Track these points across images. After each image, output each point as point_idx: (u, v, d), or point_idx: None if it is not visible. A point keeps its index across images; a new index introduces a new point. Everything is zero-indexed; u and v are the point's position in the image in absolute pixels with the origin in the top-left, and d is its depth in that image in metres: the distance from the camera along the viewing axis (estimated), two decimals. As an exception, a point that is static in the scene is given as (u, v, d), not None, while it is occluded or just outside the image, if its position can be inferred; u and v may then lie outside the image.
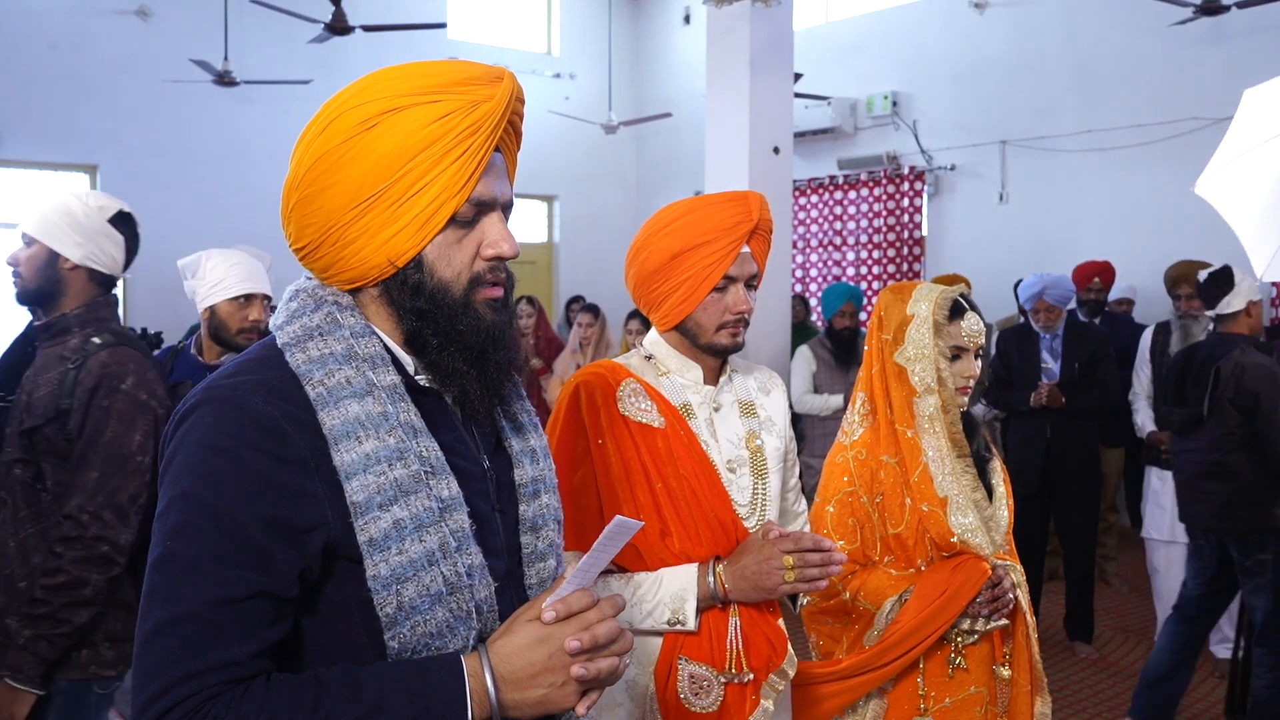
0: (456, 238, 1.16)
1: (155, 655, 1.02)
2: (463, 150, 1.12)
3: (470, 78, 1.15)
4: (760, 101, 5.50)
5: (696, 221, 1.86)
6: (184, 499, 1.05)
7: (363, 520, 1.08)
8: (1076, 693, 4.57)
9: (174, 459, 1.08)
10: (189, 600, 1.02)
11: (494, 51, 10.67)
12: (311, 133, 1.16)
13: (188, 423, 1.09)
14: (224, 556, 1.03)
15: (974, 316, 2.23)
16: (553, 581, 1.28)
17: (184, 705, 1.00)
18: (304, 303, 1.18)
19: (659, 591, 1.80)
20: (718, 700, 1.82)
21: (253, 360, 1.15)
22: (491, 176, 1.17)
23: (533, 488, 1.29)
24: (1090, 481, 4.99)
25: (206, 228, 9.11)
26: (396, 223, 1.13)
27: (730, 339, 1.89)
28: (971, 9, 8.71)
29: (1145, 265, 7.22)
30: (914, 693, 2.16)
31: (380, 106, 1.12)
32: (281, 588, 1.06)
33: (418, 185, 1.12)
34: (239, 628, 1.03)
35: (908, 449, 2.19)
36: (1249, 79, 7.28)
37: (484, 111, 1.14)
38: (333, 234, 1.15)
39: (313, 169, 1.14)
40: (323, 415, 1.09)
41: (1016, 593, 2.20)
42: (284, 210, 1.20)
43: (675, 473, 1.83)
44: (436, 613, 1.10)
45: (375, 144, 1.11)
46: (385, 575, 1.08)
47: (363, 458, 1.08)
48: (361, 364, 1.13)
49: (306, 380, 1.11)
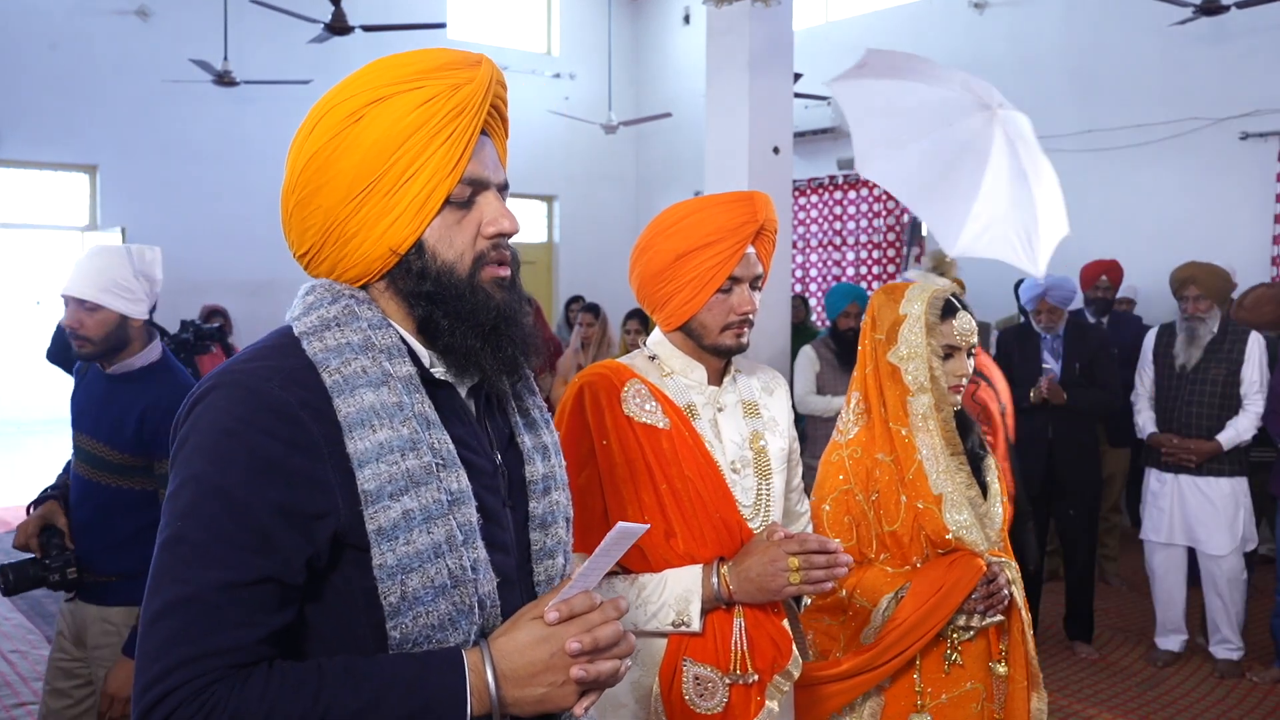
0: (455, 219, 1.17)
1: (159, 637, 1.02)
2: (450, 132, 1.14)
3: (450, 63, 1.17)
4: (760, 101, 5.50)
5: (702, 222, 1.86)
6: (195, 481, 1.05)
7: (373, 509, 1.08)
8: (1076, 692, 4.58)
9: (186, 441, 1.08)
10: (195, 583, 1.02)
11: (494, 51, 10.68)
12: (302, 134, 1.17)
13: (201, 405, 1.09)
14: (231, 540, 1.03)
15: (966, 316, 2.25)
16: (561, 579, 1.28)
17: (185, 688, 1.00)
18: (321, 296, 1.18)
19: (664, 593, 1.80)
20: (722, 702, 1.82)
21: (269, 347, 1.16)
22: (482, 157, 1.19)
23: (543, 484, 1.30)
24: (1091, 482, 4.99)
25: (205, 227, 9.12)
26: (393, 210, 1.14)
27: (735, 339, 1.89)
28: (971, 9, 8.71)
29: (1145, 265, 7.22)
30: (911, 689, 2.17)
31: (365, 98, 1.13)
32: (288, 574, 1.06)
33: (409, 171, 1.13)
34: (244, 612, 1.03)
35: (902, 447, 2.20)
36: (1249, 79, 7.32)
37: (466, 94, 1.15)
38: (333, 232, 1.15)
39: (306, 169, 1.15)
40: (338, 402, 1.10)
41: (1011, 589, 2.21)
42: (284, 217, 1.21)
43: (680, 474, 1.83)
44: (439, 605, 1.10)
45: (364, 135, 1.12)
46: (391, 565, 1.08)
47: (376, 446, 1.09)
48: (378, 354, 1.14)
49: (323, 368, 1.11)
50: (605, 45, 11.17)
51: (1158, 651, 4.92)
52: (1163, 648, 4.91)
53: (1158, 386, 4.80)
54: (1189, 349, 4.65)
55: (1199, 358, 4.63)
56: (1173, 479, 4.71)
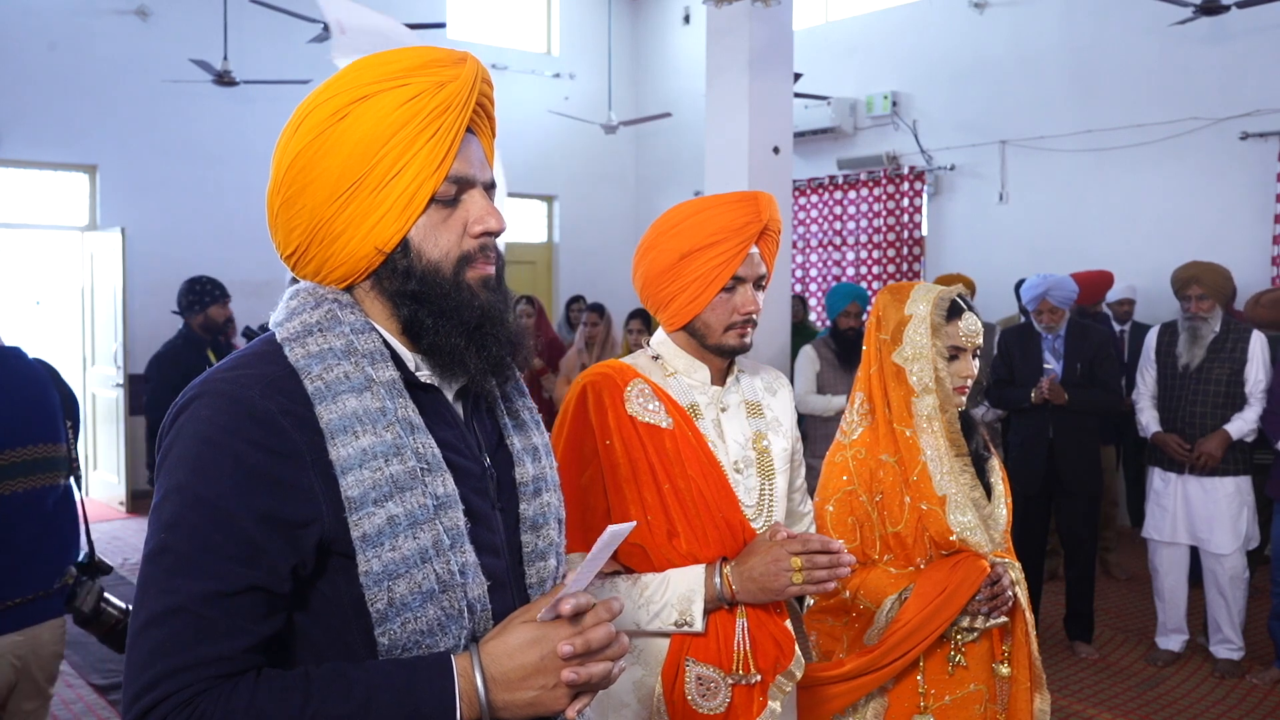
0: (441, 217, 1.16)
1: (146, 647, 1.02)
2: (435, 129, 1.13)
3: (435, 60, 1.16)
4: (760, 101, 5.50)
5: (705, 222, 1.85)
6: (178, 491, 1.05)
7: (357, 515, 1.07)
8: (1077, 692, 4.57)
9: (170, 451, 1.08)
10: (180, 593, 1.02)
11: (493, 51, 10.67)
12: (287, 134, 1.16)
13: (185, 415, 1.09)
14: (217, 550, 1.03)
15: (971, 317, 2.24)
16: (553, 581, 1.28)
17: (173, 699, 1.00)
18: (304, 300, 1.17)
19: (666, 593, 1.79)
20: (725, 702, 1.81)
21: (252, 355, 1.15)
22: (468, 155, 1.18)
23: (534, 486, 1.29)
24: (1092, 483, 4.97)
25: (205, 226, 9.11)
26: (379, 209, 1.13)
27: (738, 339, 1.88)
28: (971, 9, 8.70)
29: (1145, 265, 7.22)
30: (914, 690, 2.17)
31: (349, 96, 1.13)
32: (274, 582, 1.05)
33: (395, 168, 1.12)
34: (230, 622, 1.03)
35: (906, 448, 2.19)
36: (1248, 79, 7.32)
37: (451, 91, 1.14)
38: (319, 231, 1.15)
39: (291, 168, 1.14)
40: (320, 409, 1.09)
41: (1015, 590, 2.20)
42: (269, 218, 1.20)
43: (683, 473, 1.82)
44: (428, 610, 1.10)
45: (348, 133, 1.12)
46: (377, 571, 1.08)
47: (359, 453, 1.08)
48: (360, 359, 1.13)
49: (305, 374, 1.11)
50: (605, 45, 11.16)
51: (1158, 651, 4.91)
52: (1163, 647, 4.91)
53: (1160, 386, 4.79)
54: (1192, 348, 4.65)
55: (1202, 357, 4.63)
56: (1176, 478, 4.70)
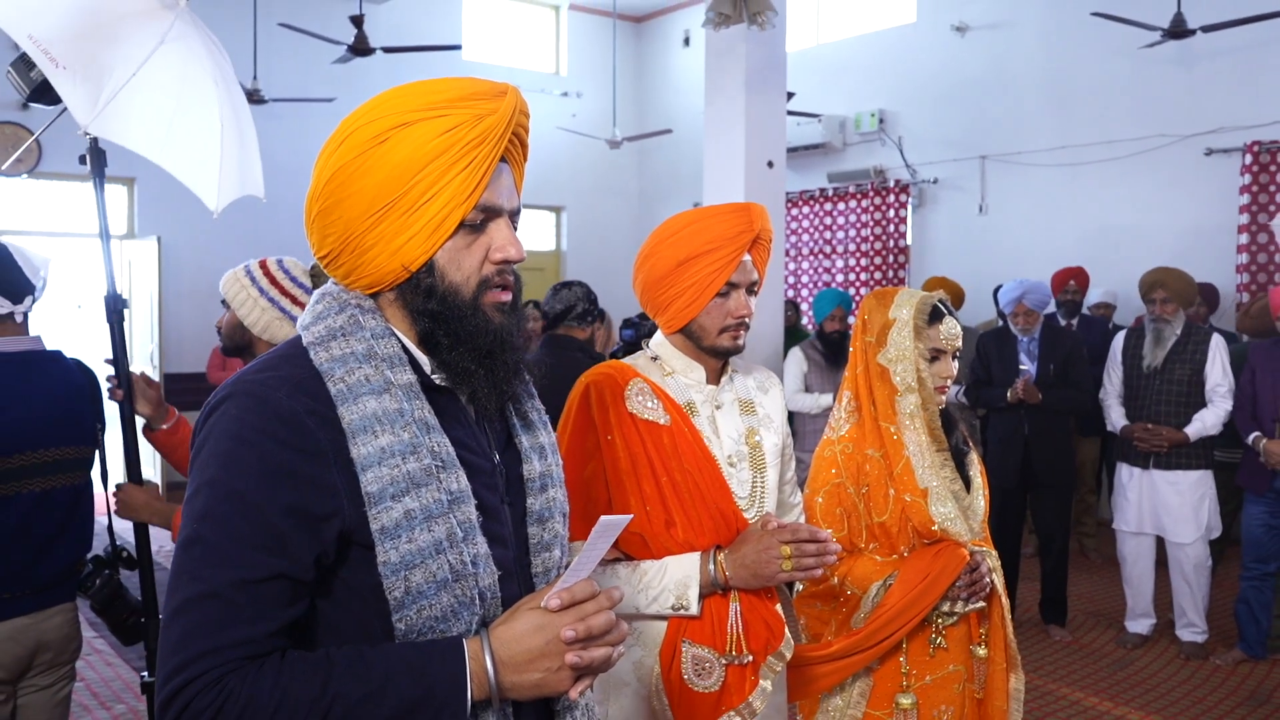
0: (466, 243, 1.16)
1: (179, 630, 1.03)
2: (469, 161, 1.12)
3: (476, 93, 1.15)
4: (755, 118, 5.51)
5: (701, 231, 1.86)
6: (210, 486, 1.06)
7: (376, 510, 1.08)
8: (1051, 672, 4.57)
9: (203, 447, 1.09)
10: (211, 580, 1.03)
11: (505, 72, 10.67)
12: (329, 148, 1.16)
13: (216, 414, 1.10)
14: (245, 540, 1.04)
15: (951, 321, 2.25)
16: (558, 571, 1.28)
17: (204, 678, 1.01)
18: (329, 305, 1.18)
19: (664, 578, 1.80)
20: (719, 680, 1.82)
21: (280, 357, 1.16)
22: (498, 185, 1.17)
23: (540, 482, 1.29)
24: (1064, 476, 4.97)
25: (234, 236, 9.13)
26: (409, 230, 1.13)
27: (732, 341, 1.89)
28: (954, 32, 8.70)
29: (1116, 272, 7.22)
30: (897, 671, 2.17)
31: (391, 122, 1.12)
32: (298, 571, 1.06)
33: (428, 194, 1.12)
34: (257, 607, 1.04)
35: (890, 444, 2.20)
36: (1213, 98, 7.32)
37: (488, 125, 1.14)
38: (351, 242, 1.15)
39: (331, 181, 1.14)
40: (342, 410, 1.10)
41: (992, 576, 2.20)
42: (307, 221, 1.20)
43: (679, 467, 1.83)
44: (442, 598, 1.10)
45: (387, 157, 1.11)
46: (395, 561, 1.08)
47: (378, 451, 1.09)
48: (380, 363, 1.13)
49: (328, 377, 1.11)
50: (610, 66, 11.16)
51: (1128, 634, 4.91)
52: (1132, 630, 4.91)
53: (1127, 385, 4.80)
54: (1155, 350, 4.66)
55: (1163, 357, 4.64)
56: (1141, 472, 4.70)
